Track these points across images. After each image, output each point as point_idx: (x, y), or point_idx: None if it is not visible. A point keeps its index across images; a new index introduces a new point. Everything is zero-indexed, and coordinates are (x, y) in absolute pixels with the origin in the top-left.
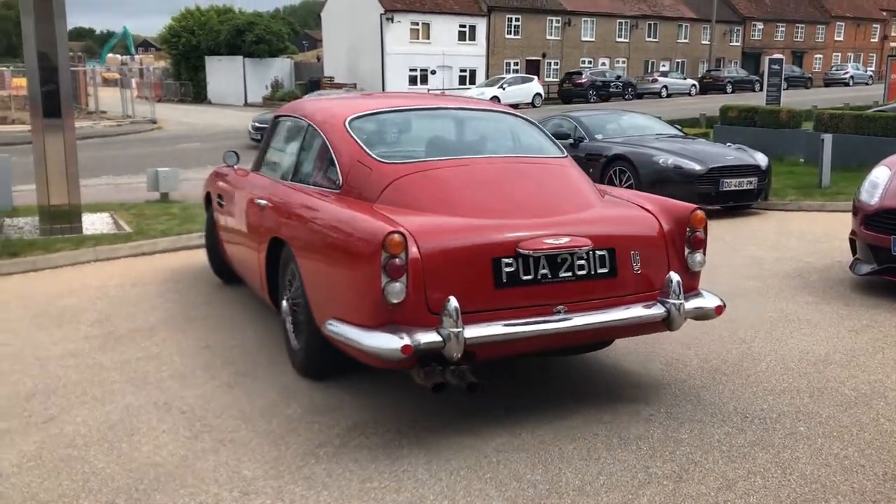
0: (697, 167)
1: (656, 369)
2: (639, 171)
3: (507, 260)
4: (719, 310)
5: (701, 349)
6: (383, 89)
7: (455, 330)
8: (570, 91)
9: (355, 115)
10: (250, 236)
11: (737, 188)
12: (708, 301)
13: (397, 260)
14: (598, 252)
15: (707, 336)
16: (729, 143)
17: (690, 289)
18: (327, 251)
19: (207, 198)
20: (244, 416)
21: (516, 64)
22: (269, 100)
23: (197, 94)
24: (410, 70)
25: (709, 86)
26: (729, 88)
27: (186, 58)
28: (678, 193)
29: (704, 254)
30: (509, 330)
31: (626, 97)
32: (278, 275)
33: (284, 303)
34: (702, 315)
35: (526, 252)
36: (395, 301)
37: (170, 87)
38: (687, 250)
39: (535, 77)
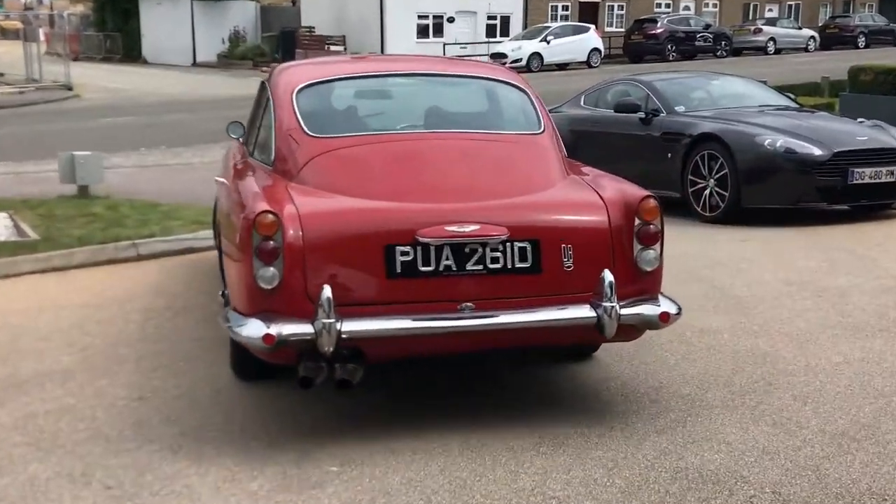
0: (817, 151)
1: (761, 433)
2: (735, 156)
3: (402, 248)
4: (665, 317)
5: (822, 405)
6: (382, 44)
7: (327, 321)
8: (639, 45)
9: (309, 83)
10: (216, 220)
11: (872, 180)
12: (652, 307)
13: (271, 242)
14: (518, 243)
15: (830, 387)
16: (861, 119)
17: (642, 292)
18: (227, 228)
19: None
20: (192, 495)
21: (566, 8)
22: (227, 57)
23: (128, 49)
24: (419, 17)
25: (833, 38)
26: (861, 42)
27: (114, 2)
28: (791, 187)
29: (660, 251)
30: (396, 325)
31: (719, 53)
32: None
33: (220, 295)
34: (642, 323)
35: (425, 240)
36: (267, 287)
37: (91, 41)
38: (637, 246)
39: (593, 26)
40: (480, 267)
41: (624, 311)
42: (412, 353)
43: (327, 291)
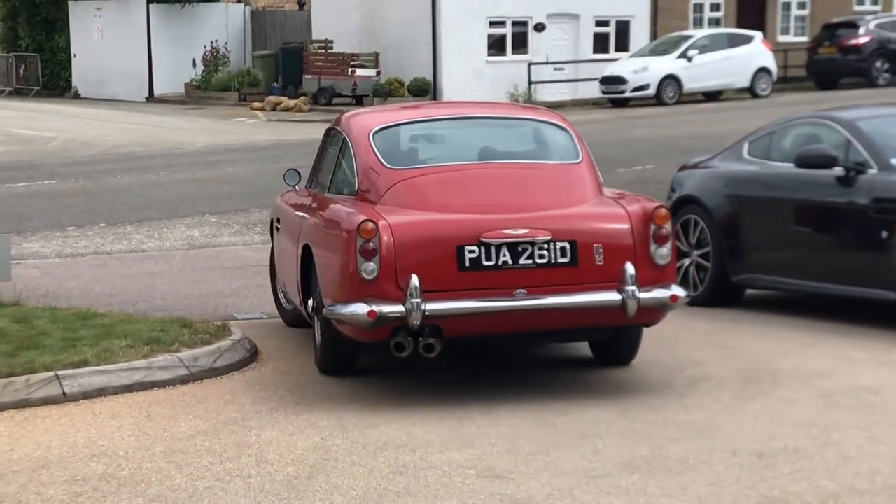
0: None
1: None
2: None
3: (470, 248)
4: (674, 299)
5: None
6: (434, 64)
7: (415, 301)
8: (831, 63)
9: (381, 127)
10: (292, 247)
11: None
12: (664, 291)
13: (370, 244)
14: (559, 243)
15: None
16: None
17: (658, 281)
18: (327, 242)
19: (272, 225)
20: None
21: (716, 7)
22: (200, 88)
23: (52, 79)
24: (492, 23)
25: None
26: None
27: (32, 6)
28: None
29: (671, 249)
30: (465, 306)
31: None
32: (311, 280)
33: (310, 301)
34: (658, 304)
35: (487, 241)
36: (368, 278)
37: None
38: (652, 245)
39: (759, 34)
40: (531, 262)
41: (642, 295)
42: (478, 329)
43: (415, 280)
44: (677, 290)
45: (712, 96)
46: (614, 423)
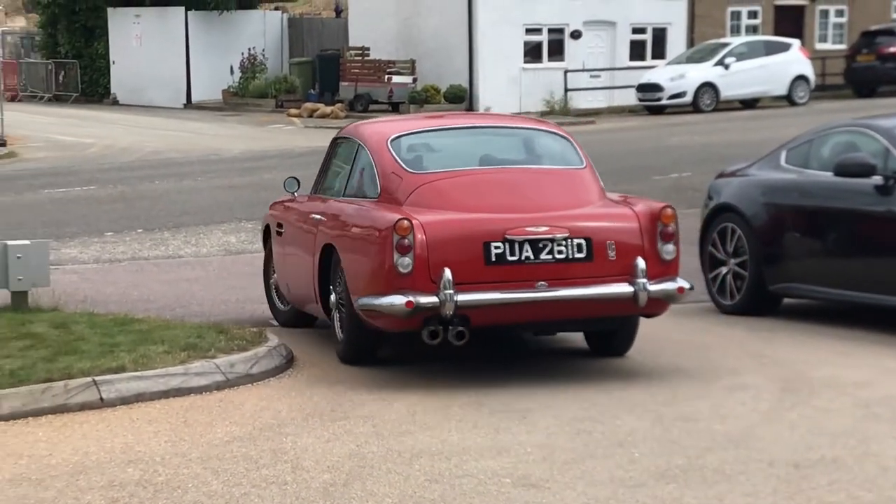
0: None
1: None
2: None
3: (495, 244)
4: (681, 290)
5: None
6: (470, 71)
7: (448, 292)
8: (869, 71)
9: (398, 134)
10: (306, 249)
11: None
12: (672, 284)
13: (406, 240)
14: (576, 240)
15: None
16: None
17: (664, 274)
18: (358, 241)
19: (266, 232)
20: None
21: (753, 14)
22: (237, 94)
23: (90, 85)
24: (528, 31)
25: None
26: None
27: (71, 13)
28: None
29: (676, 245)
30: (492, 297)
31: None
32: (329, 279)
33: (333, 297)
34: (666, 296)
35: (511, 237)
36: (403, 272)
37: (36, 73)
38: (659, 242)
39: (796, 42)
40: (550, 257)
41: (652, 287)
42: (504, 319)
43: (448, 273)
44: (683, 283)
45: (749, 104)
46: (650, 431)
